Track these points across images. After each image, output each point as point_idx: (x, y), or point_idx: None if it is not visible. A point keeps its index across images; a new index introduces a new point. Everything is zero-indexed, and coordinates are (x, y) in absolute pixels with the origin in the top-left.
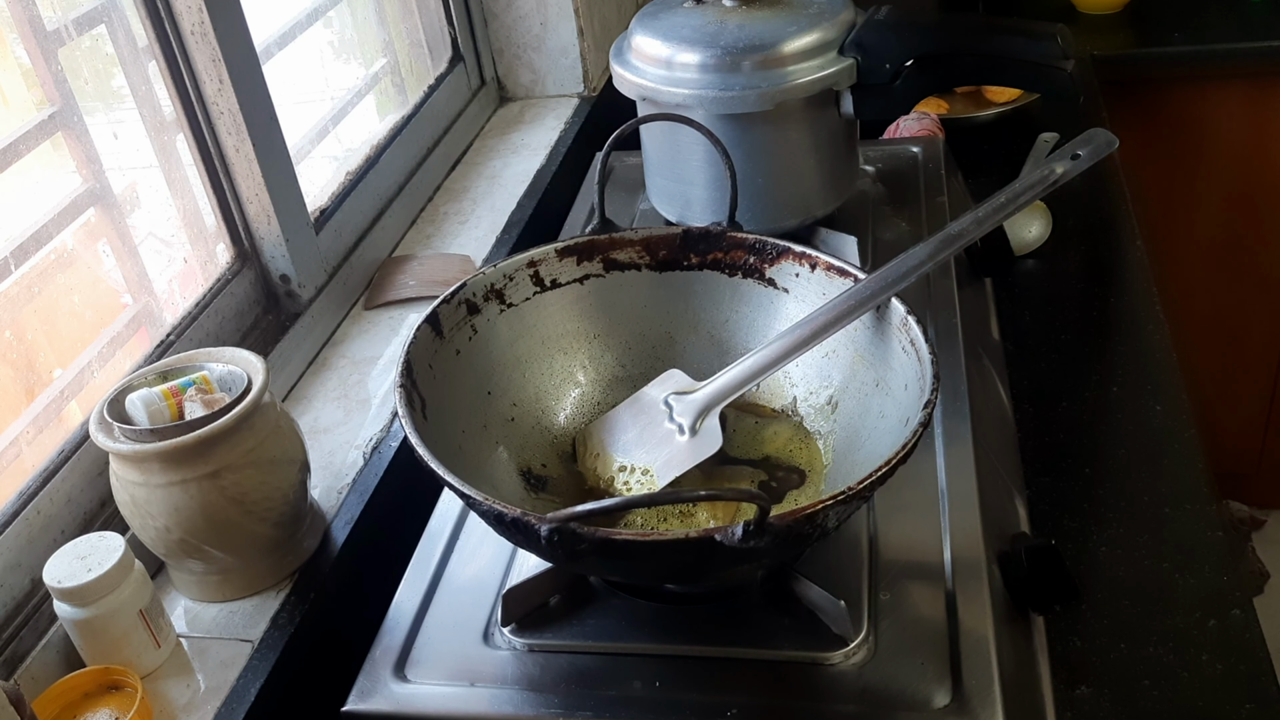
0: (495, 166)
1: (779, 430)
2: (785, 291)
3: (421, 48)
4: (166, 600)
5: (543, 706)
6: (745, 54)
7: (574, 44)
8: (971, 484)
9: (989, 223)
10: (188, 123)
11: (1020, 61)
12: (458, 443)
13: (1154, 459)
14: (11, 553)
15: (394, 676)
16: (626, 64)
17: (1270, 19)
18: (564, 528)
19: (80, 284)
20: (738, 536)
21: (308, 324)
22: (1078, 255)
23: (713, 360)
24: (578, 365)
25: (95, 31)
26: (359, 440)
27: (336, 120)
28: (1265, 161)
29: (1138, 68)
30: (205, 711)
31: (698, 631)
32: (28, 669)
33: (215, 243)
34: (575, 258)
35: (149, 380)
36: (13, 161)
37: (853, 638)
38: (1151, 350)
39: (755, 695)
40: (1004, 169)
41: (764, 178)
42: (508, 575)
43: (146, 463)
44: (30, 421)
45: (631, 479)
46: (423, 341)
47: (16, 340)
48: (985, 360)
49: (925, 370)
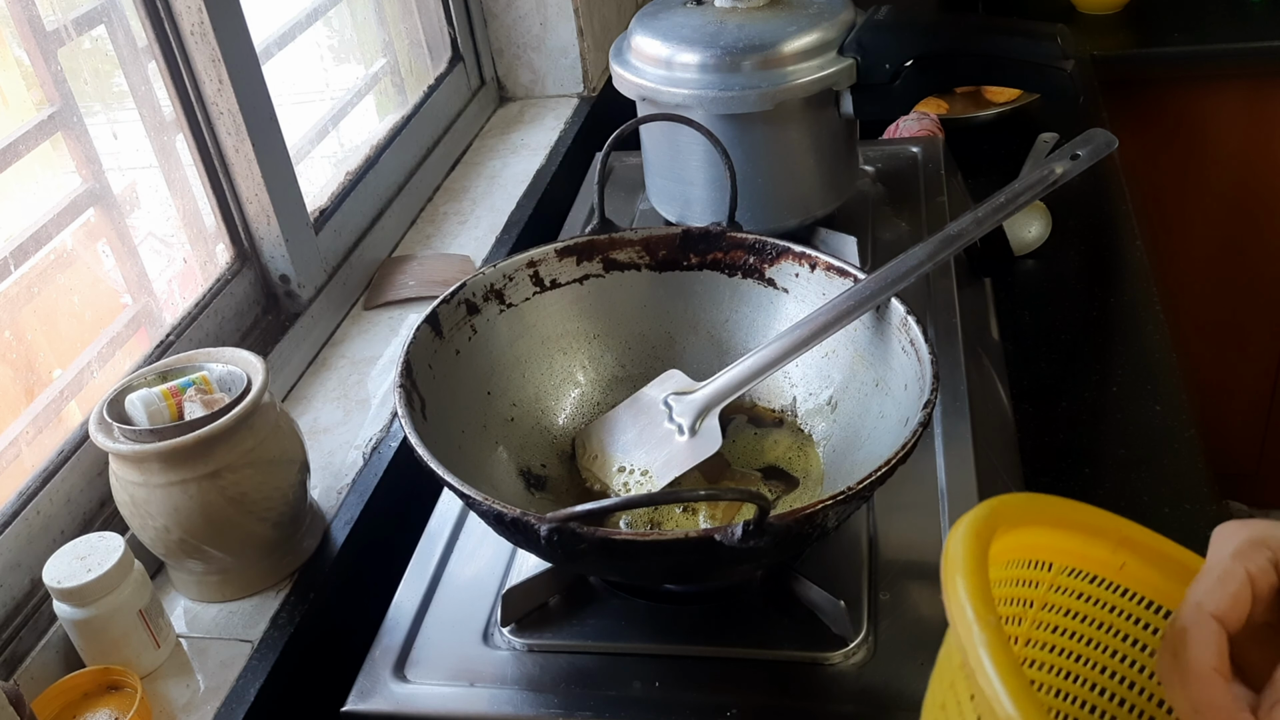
0: (495, 166)
1: (779, 439)
2: (785, 291)
3: (421, 48)
4: (166, 600)
5: (542, 706)
6: (745, 54)
7: (574, 44)
8: (971, 484)
9: (989, 223)
10: (187, 123)
11: (1020, 61)
12: (457, 443)
13: (1154, 459)
14: (11, 553)
15: (394, 676)
16: (626, 64)
17: (1270, 19)
18: (563, 527)
19: (80, 284)
20: (737, 536)
21: (307, 324)
22: (1077, 255)
23: (712, 360)
24: (577, 365)
25: (95, 31)
26: (358, 440)
27: (336, 120)
28: (1265, 161)
29: (1138, 68)
30: (205, 711)
31: (697, 631)
32: (27, 669)
33: (215, 243)
34: (575, 258)
35: (149, 380)
36: (12, 161)
37: (853, 638)
38: (1151, 350)
39: (755, 695)
40: (1004, 169)
41: (764, 178)
42: (507, 575)
43: (146, 463)
44: (30, 421)
45: (631, 479)
46: (422, 341)
47: (16, 340)
48: (985, 360)
49: (925, 370)
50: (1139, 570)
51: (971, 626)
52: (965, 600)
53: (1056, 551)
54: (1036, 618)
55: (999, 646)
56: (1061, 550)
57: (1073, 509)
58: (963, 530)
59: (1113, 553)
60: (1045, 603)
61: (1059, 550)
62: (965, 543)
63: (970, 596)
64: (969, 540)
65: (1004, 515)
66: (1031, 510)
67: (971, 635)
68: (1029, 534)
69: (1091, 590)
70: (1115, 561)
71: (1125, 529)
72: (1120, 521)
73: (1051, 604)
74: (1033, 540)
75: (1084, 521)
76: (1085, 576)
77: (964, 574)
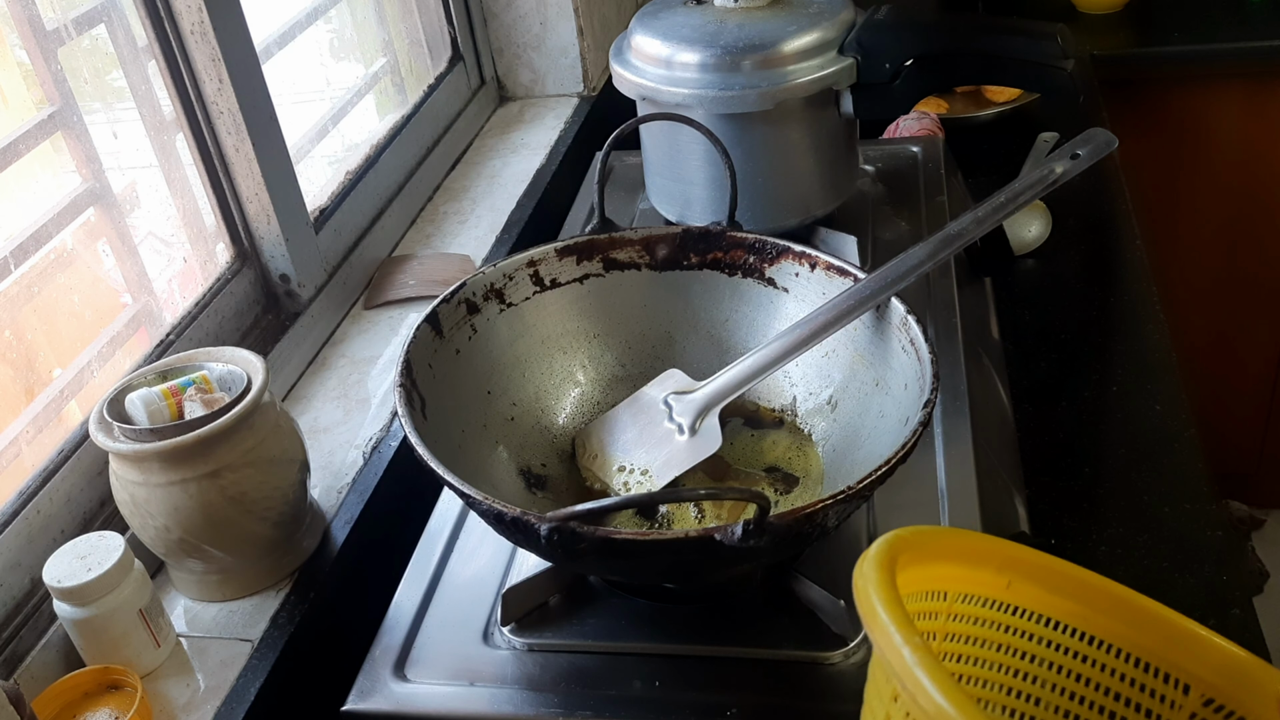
0: (495, 166)
1: (777, 439)
2: (785, 291)
3: (421, 47)
4: (166, 600)
5: (542, 706)
6: (745, 54)
7: (574, 43)
8: (971, 484)
9: (989, 222)
10: (187, 122)
11: (1020, 61)
12: (457, 442)
13: (1154, 459)
14: (11, 552)
15: (394, 676)
16: (626, 64)
17: (1270, 19)
18: (564, 527)
19: (80, 284)
20: (737, 536)
21: (307, 324)
22: (1077, 255)
23: (712, 360)
24: (577, 365)
25: (95, 31)
26: (359, 440)
27: (336, 120)
28: (1265, 161)
29: (1138, 68)
30: (205, 711)
31: (697, 631)
32: (27, 668)
33: (215, 242)
34: (575, 257)
35: (149, 380)
36: (12, 161)
37: (853, 637)
38: (1151, 350)
39: (755, 695)
40: (1004, 169)
41: (764, 177)
42: (507, 575)
43: (146, 462)
44: (30, 421)
45: (631, 479)
46: (422, 341)
47: (16, 340)
48: (985, 360)
49: (925, 370)
50: (1024, 587)
51: (901, 650)
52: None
53: (949, 580)
54: (941, 649)
55: (932, 663)
56: (953, 578)
57: (960, 537)
58: (870, 564)
59: (998, 574)
60: (946, 632)
61: (951, 578)
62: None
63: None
64: (879, 572)
65: (899, 547)
66: (923, 544)
67: (903, 659)
68: (924, 568)
69: (984, 614)
70: (1001, 582)
71: (1009, 550)
72: (1003, 544)
73: (952, 633)
74: (928, 573)
75: (970, 548)
76: (978, 600)
77: (883, 602)
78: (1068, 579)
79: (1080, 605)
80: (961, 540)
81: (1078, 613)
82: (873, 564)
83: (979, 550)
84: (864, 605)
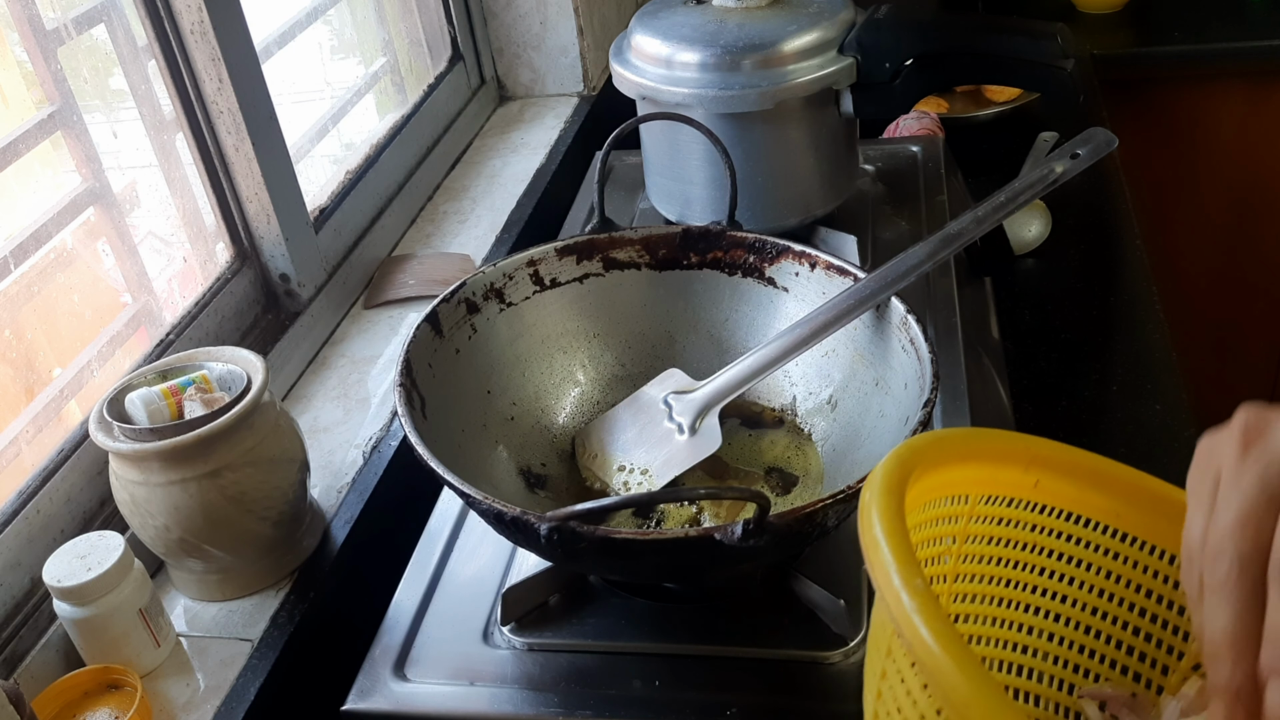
0: (495, 165)
1: (777, 439)
2: (785, 290)
3: (421, 47)
4: (166, 599)
5: (542, 705)
6: (745, 53)
7: (574, 43)
8: None
9: (989, 222)
10: (187, 122)
11: (1020, 61)
12: (457, 442)
13: (1154, 459)
14: (11, 552)
15: (393, 675)
16: (626, 63)
17: (1270, 19)
18: (563, 526)
19: (80, 283)
20: (737, 535)
21: (307, 323)
22: (1077, 255)
23: (712, 359)
24: (577, 364)
25: (95, 30)
26: (358, 439)
27: (336, 119)
28: (1265, 161)
29: (1138, 67)
30: (205, 710)
31: (697, 631)
32: (27, 668)
33: (215, 242)
34: (575, 257)
35: (149, 379)
36: (12, 161)
37: (852, 637)
38: (1151, 350)
39: (755, 694)
40: (1004, 168)
41: (764, 177)
42: (507, 574)
43: (146, 462)
44: (30, 421)
45: (630, 478)
46: (422, 340)
47: (16, 339)
48: (985, 360)
49: (925, 369)
50: (1052, 484)
51: (900, 594)
52: (891, 566)
53: (971, 482)
54: (962, 551)
55: (931, 611)
56: (975, 480)
57: (979, 437)
58: (876, 487)
59: (1024, 472)
60: (968, 535)
61: (973, 481)
62: (881, 499)
63: (897, 562)
64: (884, 497)
65: (913, 461)
66: (940, 449)
67: (902, 604)
68: (942, 473)
69: (1009, 513)
70: (1028, 480)
71: (1034, 447)
72: (1029, 439)
73: (974, 535)
74: (947, 478)
75: (992, 448)
76: (1002, 501)
77: (887, 536)
78: (1100, 475)
79: (1113, 501)
80: (983, 441)
81: (1110, 509)
82: (879, 489)
83: (1003, 449)
84: (865, 536)
